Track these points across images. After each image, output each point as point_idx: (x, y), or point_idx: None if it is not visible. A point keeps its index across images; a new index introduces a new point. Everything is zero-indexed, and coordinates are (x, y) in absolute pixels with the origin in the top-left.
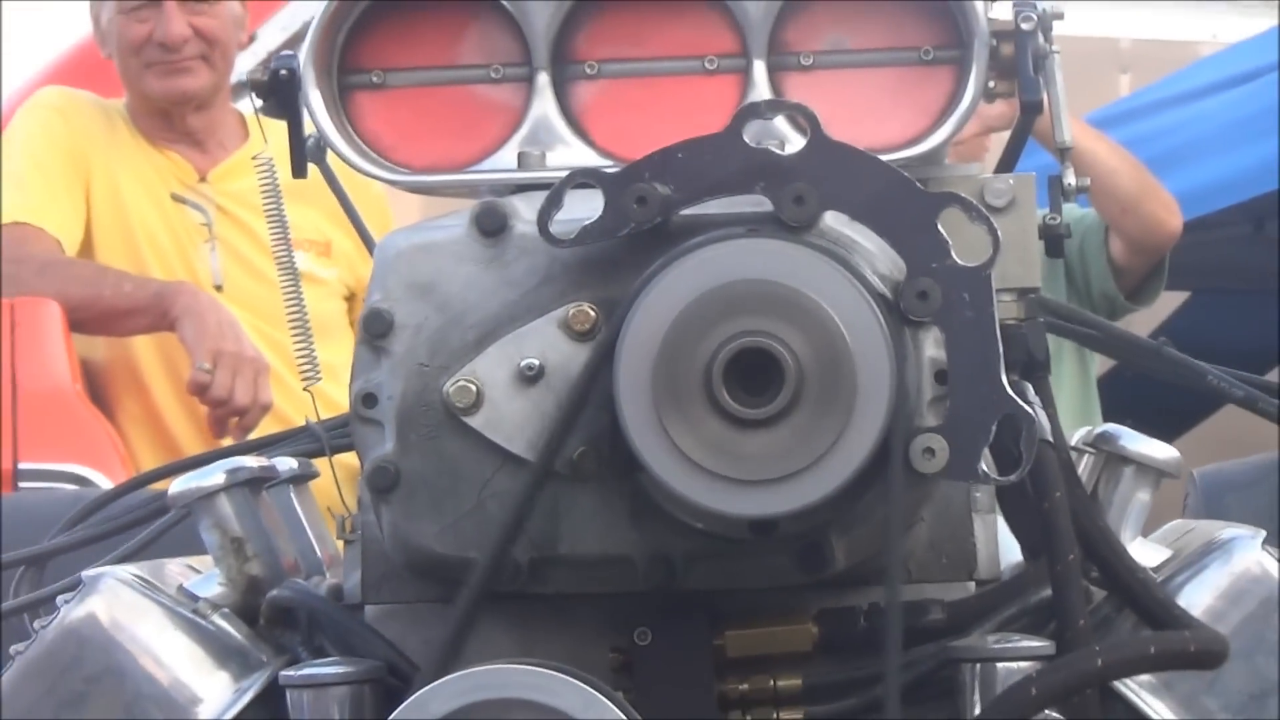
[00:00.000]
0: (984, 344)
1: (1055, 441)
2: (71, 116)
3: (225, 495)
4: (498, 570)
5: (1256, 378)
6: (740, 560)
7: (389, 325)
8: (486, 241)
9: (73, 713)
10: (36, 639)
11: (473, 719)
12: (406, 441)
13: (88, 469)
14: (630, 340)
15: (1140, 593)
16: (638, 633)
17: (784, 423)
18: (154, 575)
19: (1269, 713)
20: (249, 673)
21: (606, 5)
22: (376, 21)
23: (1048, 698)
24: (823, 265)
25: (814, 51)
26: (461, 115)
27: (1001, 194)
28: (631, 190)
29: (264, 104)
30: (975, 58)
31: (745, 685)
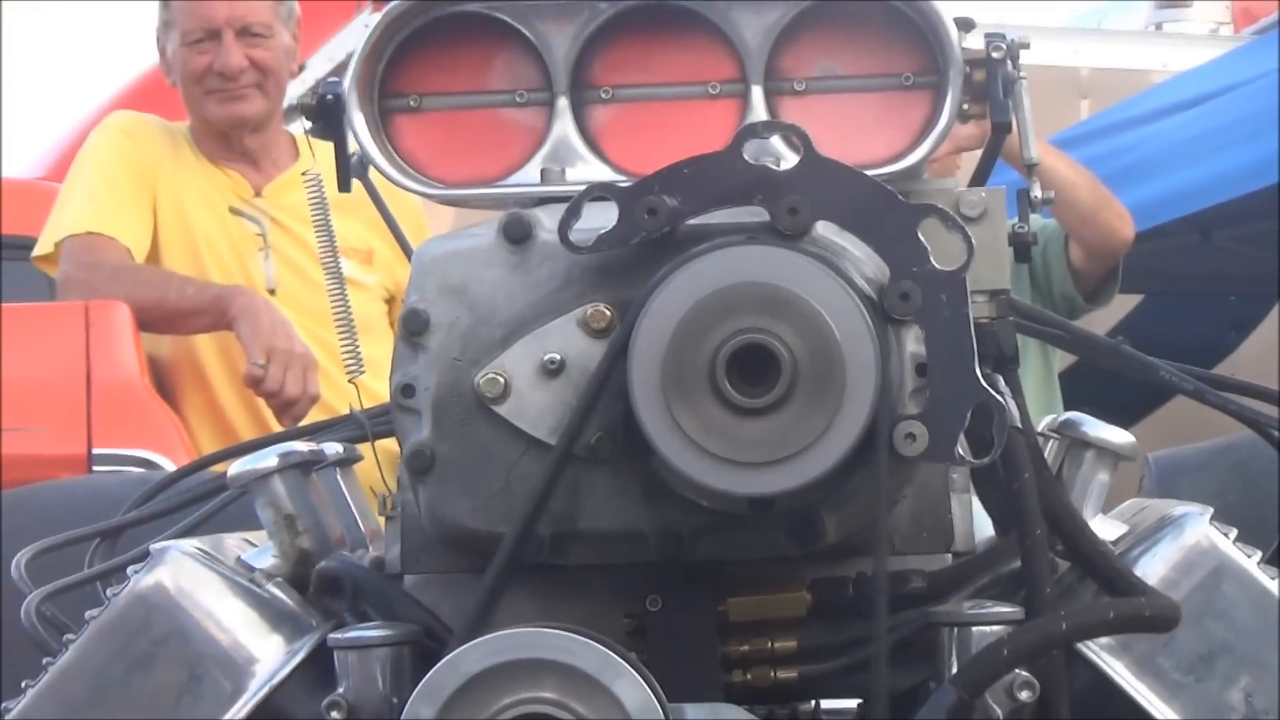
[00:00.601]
0: (959, 340)
1: (1024, 428)
2: (140, 137)
3: (278, 476)
4: (523, 544)
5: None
6: (741, 534)
7: (425, 324)
8: (512, 248)
9: (141, 671)
10: (109, 605)
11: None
12: (441, 428)
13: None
14: (642, 337)
15: (1100, 564)
16: (649, 600)
17: (780, 411)
18: (214, 548)
19: (1217, 672)
20: (300, 636)
21: (619, 37)
22: (413, 51)
23: (1018, 658)
24: (814, 269)
25: (806, 78)
26: (490, 135)
27: (975, 205)
28: (642, 202)
29: (313, 126)
30: (951, 83)
31: (746, 647)
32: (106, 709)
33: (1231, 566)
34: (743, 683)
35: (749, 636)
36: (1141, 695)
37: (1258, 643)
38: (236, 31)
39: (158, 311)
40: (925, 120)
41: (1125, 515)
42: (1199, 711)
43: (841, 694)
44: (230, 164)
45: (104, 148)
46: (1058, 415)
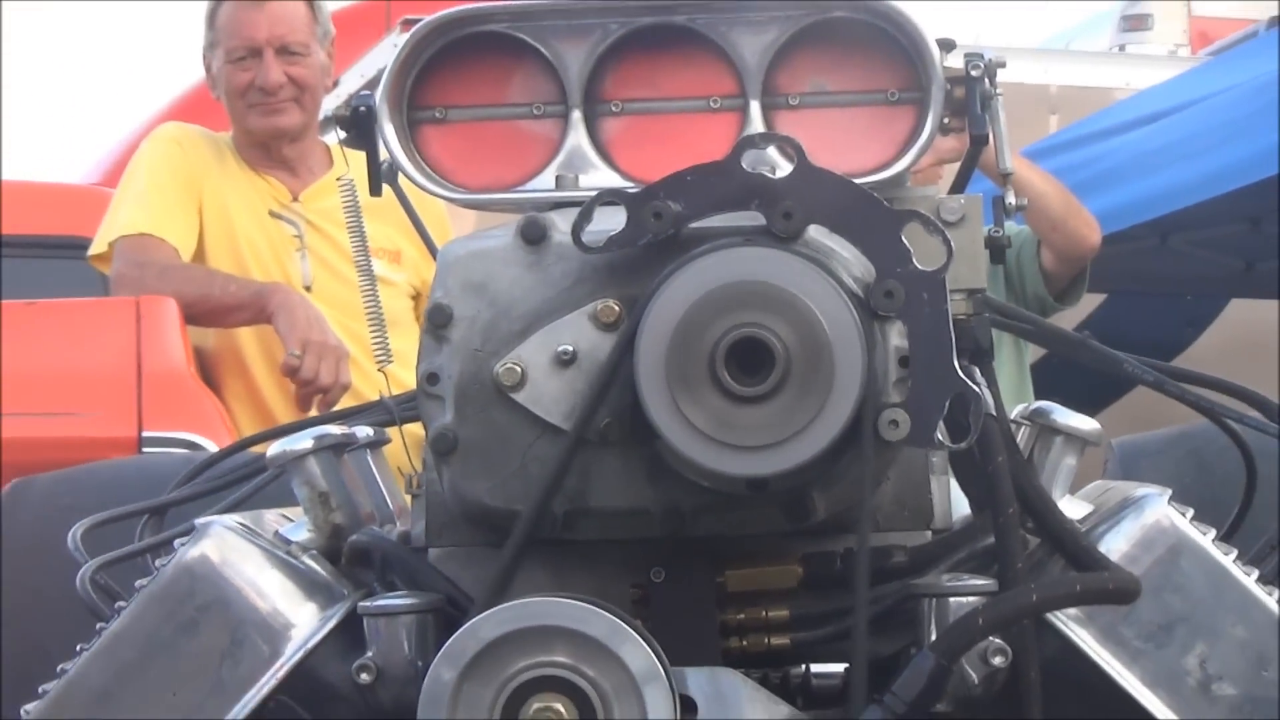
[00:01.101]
0: (939, 335)
1: (998, 416)
2: (187, 146)
3: (313, 457)
4: (538, 520)
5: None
6: (738, 512)
7: (449, 317)
8: (529, 249)
9: (186, 636)
10: (157, 575)
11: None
12: (463, 413)
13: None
14: (648, 330)
15: (1068, 541)
16: (653, 572)
17: (774, 399)
18: (254, 523)
19: (1175, 641)
20: (332, 604)
21: (628, 55)
22: (439, 67)
23: (991, 626)
24: (806, 269)
25: (800, 93)
26: (509, 144)
27: (954, 211)
28: (649, 207)
29: (346, 136)
30: (933, 99)
31: (742, 615)
32: (154, 670)
33: (1188, 543)
34: (739, 648)
35: (745, 606)
36: (1105, 661)
37: (1212, 613)
38: (276, 50)
39: (203, 306)
40: (909, 133)
41: (1090, 496)
42: (1158, 676)
43: (829, 659)
44: (270, 171)
45: (154, 156)
46: (1029, 404)
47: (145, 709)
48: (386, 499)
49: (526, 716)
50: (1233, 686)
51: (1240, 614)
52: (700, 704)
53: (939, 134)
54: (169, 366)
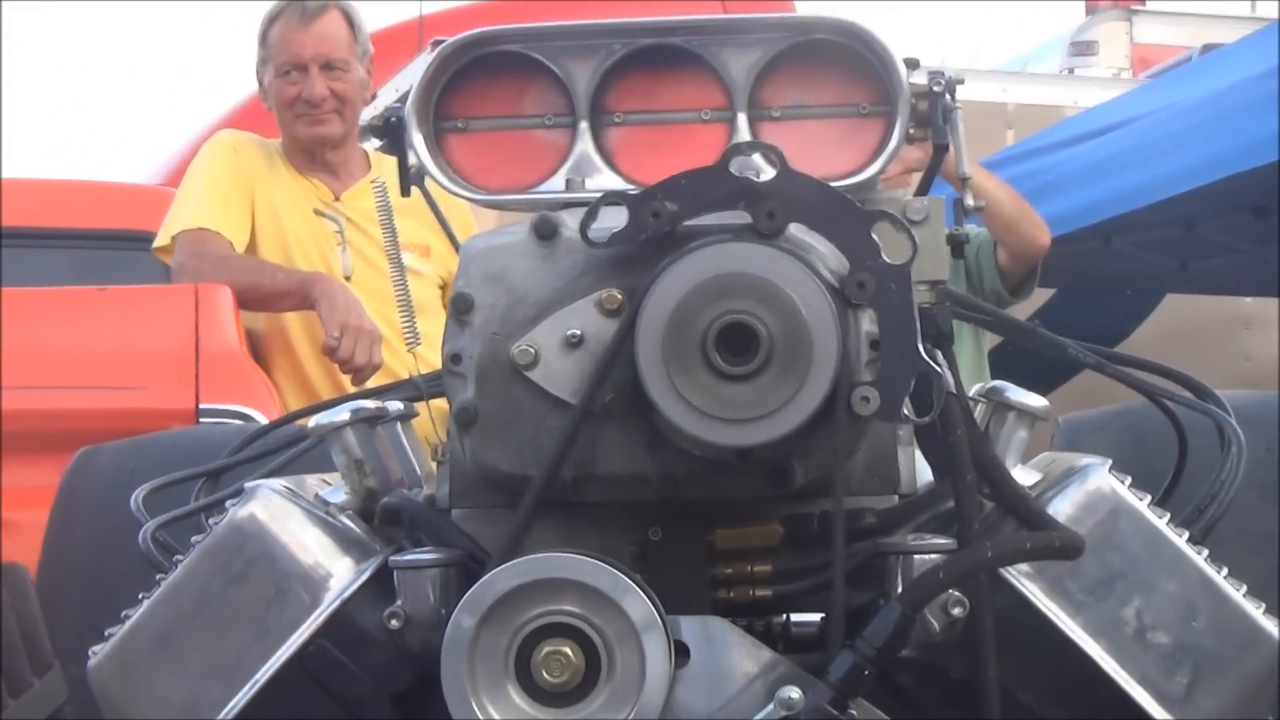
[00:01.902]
0: (905, 321)
1: (958, 393)
2: (241, 151)
3: (350, 428)
4: (549, 484)
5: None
6: (726, 478)
7: (471, 304)
8: (542, 244)
9: (236, 586)
10: (210, 532)
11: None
12: (483, 390)
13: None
14: (647, 316)
15: (1019, 504)
16: (651, 531)
17: (759, 377)
18: (297, 486)
19: (1114, 594)
20: (366, 558)
21: (630, 72)
22: (462, 82)
23: (951, 580)
24: (788, 262)
25: (782, 107)
26: (524, 151)
27: (919, 211)
28: (648, 207)
29: (381, 143)
30: (900, 112)
31: (729, 570)
32: (207, 616)
33: (1127, 508)
34: (727, 600)
35: (732, 562)
36: (1052, 612)
37: (1147, 570)
38: (320, 66)
39: (254, 293)
40: (878, 142)
41: (1039, 466)
42: (1099, 626)
43: (807, 609)
44: (314, 174)
45: (212, 159)
46: (986, 384)
47: (199, 651)
48: (414, 466)
49: (538, 659)
50: (1165, 635)
51: (1172, 571)
52: (692, 649)
53: (905, 143)
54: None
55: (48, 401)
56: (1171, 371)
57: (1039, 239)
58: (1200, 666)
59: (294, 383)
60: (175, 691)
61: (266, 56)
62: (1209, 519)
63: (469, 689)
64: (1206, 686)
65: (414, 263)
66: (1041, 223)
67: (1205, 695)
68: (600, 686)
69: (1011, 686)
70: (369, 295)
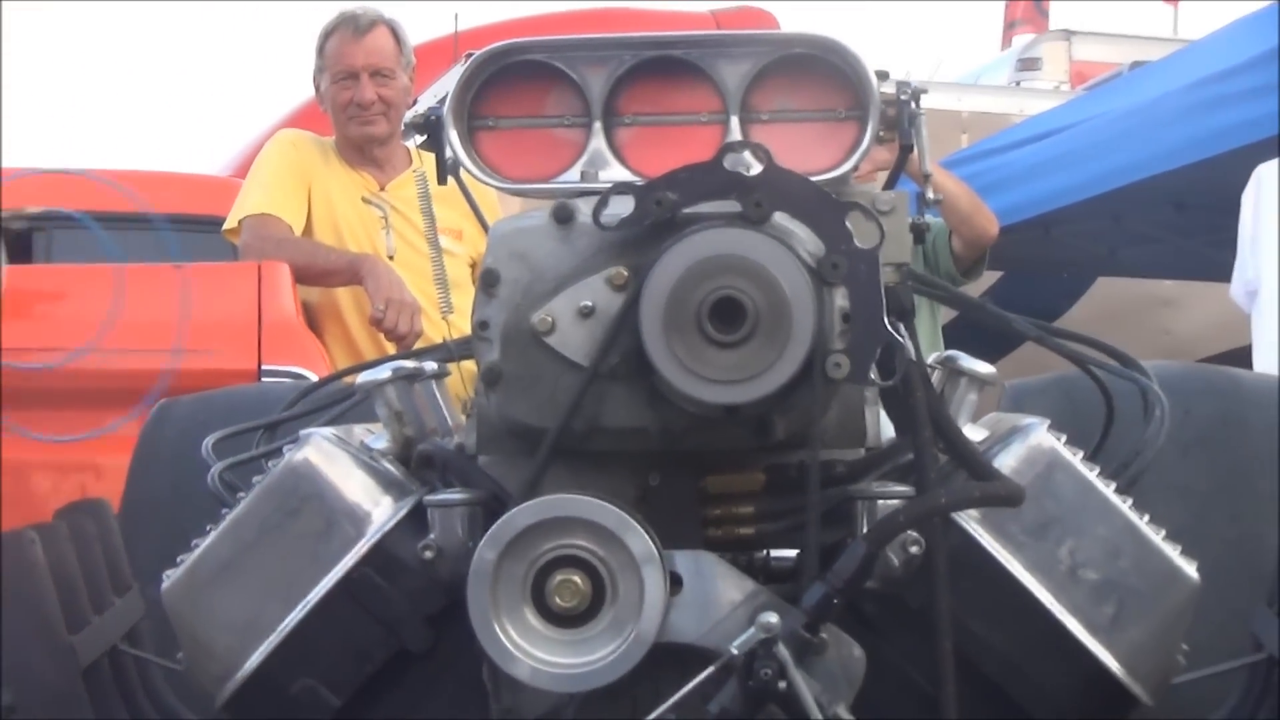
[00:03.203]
0: (873, 298)
1: (917, 360)
2: (300, 147)
3: (391, 385)
4: (563, 435)
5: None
6: (716, 431)
7: (497, 279)
8: (560, 227)
9: (291, 520)
10: (269, 474)
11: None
12: (507, 353)
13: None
14: (649, 291)
15: (969, 458)
16: (650, 477)
17: (745, 345)
18: (345, 435)
19: (1050, 536)
20: (404, 497)
21: (638, 80)
22: (492, 87)
23: (909, 522)
24: (772, 245)
25: (769, 111)
26: (545, 147)
27: (886, 203)
28: (652, 196)
29: (422, 140)
30: (871, 116)
31: (718, 511)
32: (266, 546)
33: (1062, 461)
34: (715, 537)
35: (720, 504)
36: (996, 551)
37: (1079, 516)
38: (370, 75)
39: (309, 271)
40: (852, 143)
41: (987, 424)
42: (1037, 563)
43: (785, 546)
44: (363, 168)
45: (274, 153)
46: (941, 353)
47: (258, 575)
48: (446, 418)
49: (551, 586)
50: (1094, 572)
51: (1101, 517)
52: (685, 579)
53: (875, 144)
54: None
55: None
56: (1101, 344)
57: (989, 229)
58: (1124, 600)
59: (343, 347)
60: (237, 610)
61: (323, 66)
62: (1133, 472)
63: (491, 612)
64: (1129, 617)
65: (449, 244)
66: (991, 215)
67: (1128, 625)
68: (605, 611)
69: (961, 615)
70: (409, 272)
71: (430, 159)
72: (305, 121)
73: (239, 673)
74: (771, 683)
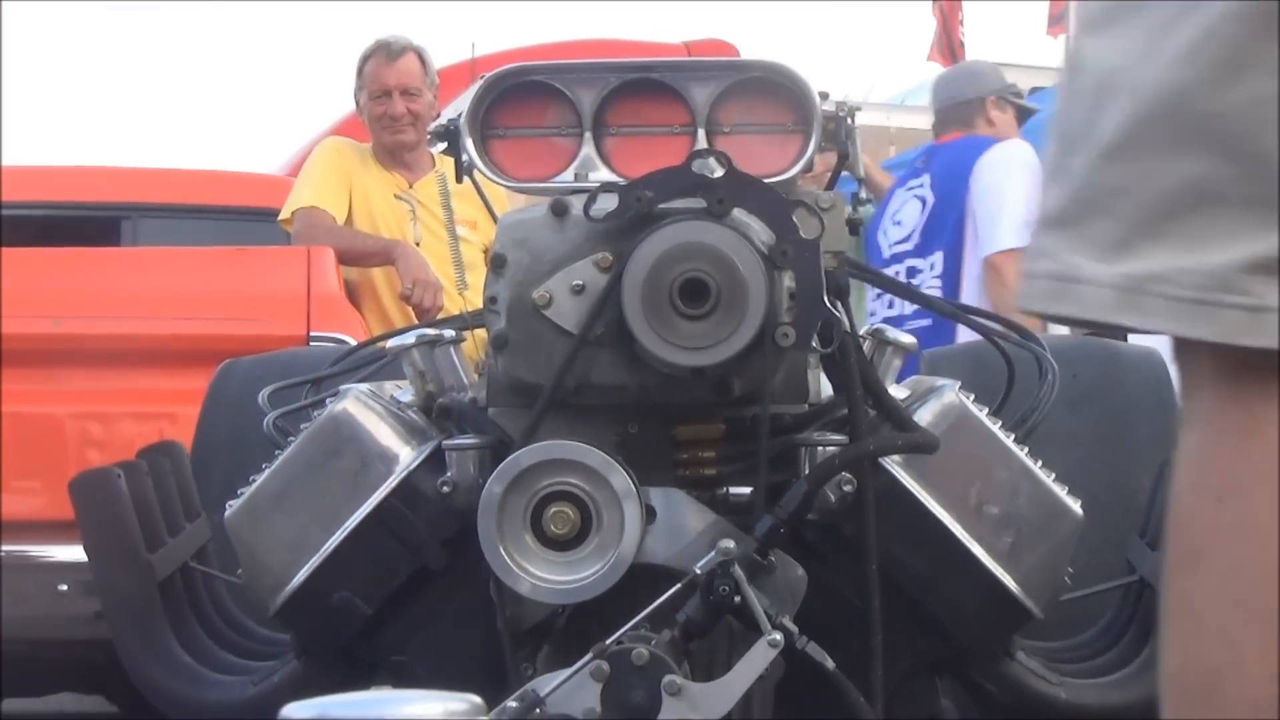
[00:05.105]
0: (815, 280)
1: (852, 332)
2: (342, 151)
3: (416, 349)
4: (557, 391)
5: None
6: (685, 389)
7: (504, 261)
8: (556, 219)
9: (332, 459)
10: (315, 421)
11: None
12: (512, 322)
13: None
14: (630, 272)
15: (894, 413)
16: (630, 426)
17: (709, 318)
18: (378, 390)
19: (960, 478)
20: (425, 442)
21: (621, 97)
22: (501, 103)
23: (843, 465)
24: (731, 236)
25: (731, 124)
26: (545, 152)
27: (827, 201)
28: (633, 194)
29: (443, 147)
30: (814, 130)
31: (685, 455)
32: (312, 480)
33: (970, 416)
34: (683, 476)
35: (687, 449)
36: (916, 490)
37: (984, 461)
38: (400, 92)
39: (350, 254)
40: (798, 151)
41: (909, 385)
42: (947, 498)
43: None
44: (394, 169)
45: (321, 157)
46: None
47: (305, 504)
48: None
49: (547, 516)
50: (996, 508)
51: (1002, 462)
52: (658, 511)
53: (818, 152)
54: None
55: (203, 329)
56: (1004, 319)
57: None
58: (1020, 531)
59: (377, 318)
60: (287, 533)
61: (361, 85)
62: (1029, 425)
63: (497, 537)
64: (1024, 545)
65: (465, 234)
66: None
67: (1024, 551)
68: (592, 537)
69: (885, 543)
70: (432, 257)
71: (450, 162)
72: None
73: (288, 585)
74: (728, 598)
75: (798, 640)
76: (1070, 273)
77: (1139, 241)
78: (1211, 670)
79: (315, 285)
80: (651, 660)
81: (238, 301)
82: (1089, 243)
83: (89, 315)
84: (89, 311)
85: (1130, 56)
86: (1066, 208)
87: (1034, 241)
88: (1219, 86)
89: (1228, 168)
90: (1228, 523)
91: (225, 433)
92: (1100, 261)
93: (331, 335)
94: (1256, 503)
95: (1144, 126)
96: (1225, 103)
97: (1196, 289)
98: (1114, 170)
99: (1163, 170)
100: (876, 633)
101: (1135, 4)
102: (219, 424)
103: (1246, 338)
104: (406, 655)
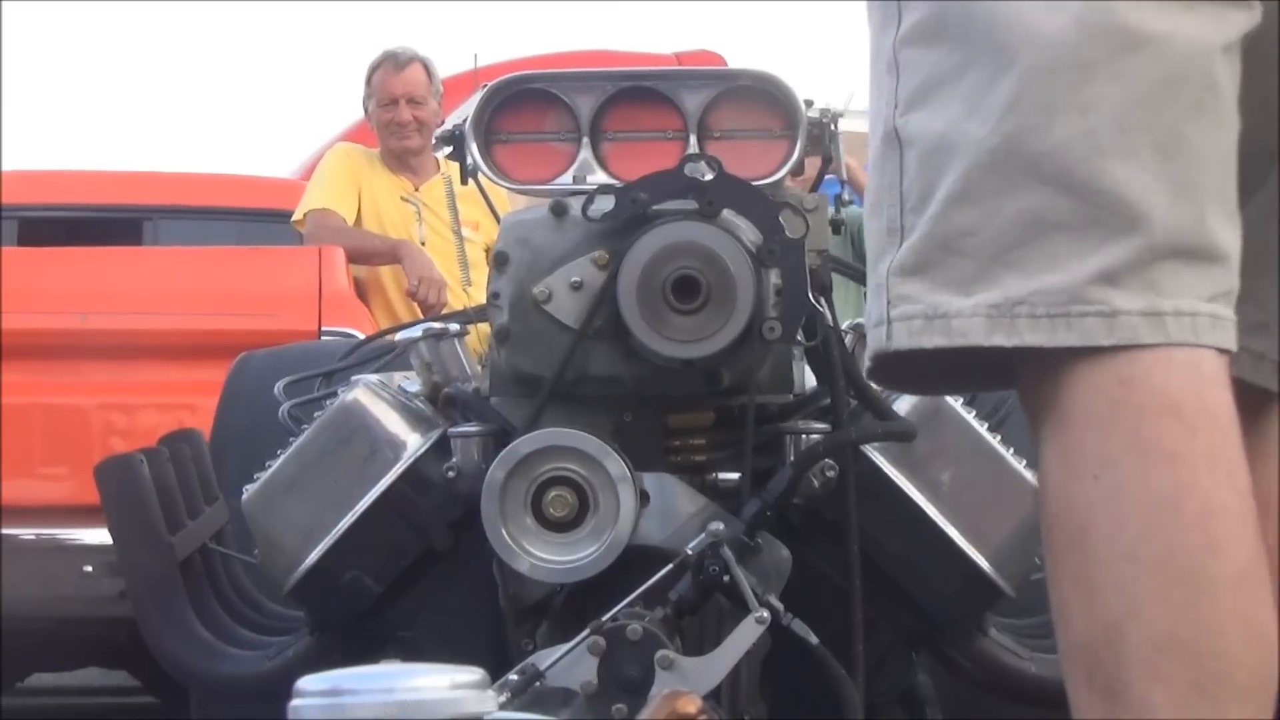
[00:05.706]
0: (800, 277)
1: (834, 326)
2: (352, 156)
3: (423, 342)
4: (557, 382)
5: None
6: (677, 380)
7: (507, 259)
8: (556, 219)
9: (344, 446)
10: (327, 410)
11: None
12: (514, 317)
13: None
14: (625, 270)
15: (874, 403)
16: (625, 415)
17: (700, 313)
18: (387, 380)
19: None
20: (432, 429)
21: (617, 104)
22: (503, 110)
23: (827, 452)
24: (721, 235)
25: (721, 130)
26: (545, 156)
27: (811, 202)
28: (628, 195)
29: (448, 151)
30: (800, 135)
31: (677, 442)
32: (324, 466)
33: (946, 406)
34: (675, 462)
35: (679, 436)
36: (895, 476)
37: (958, 448)
38: (407, 100)
39: (359, 253)
40: (785, 156)
41: None
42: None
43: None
44: (401, 173)
45: (332, 161)
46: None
47: (317, 489)
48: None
49: (547, 500)
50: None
51: (975, 449)
52: (651, 495)
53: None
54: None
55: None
56: None
57: None
58: (993, 514)
59: (385, 314)
60: (300, 516)
61: (370, 93)
62: (1001, 415)
63: (499, 520)
64: (997, 528)
65: (468, 233)
66: None
67: (996, 534)
68: (589, 519)
69: (866, 525)
70: (438, 255)
71: (454, 166)
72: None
73: (302, 565)
74: (718, 577)
75: (783, 617)
76: (935, 310)
77: (996, 272)
78: (1112, 624)
79: (326, 283)
80: (645, 636)
81: (253, 298)
82: (948, 282)
83: (113, 311)
84: (113, 308)
85: (955, 120)
86: (919, 257)
87: (891, 292)
88: (1040, 130)
89: (1061, 198)
90: (1106, 492)
91: (242, 422)
92: (962, 296)
93: (342, 330)
94: (1126, 470)
95: (982, 173)
96: (1049, 143)
97: (1054, 305)
98: (960, 216)
99: (1005, 208)
100: (857, 610)
101: (948, 80)
102: (236, 413)
103: (1106, 339)
104: (414, 631)
